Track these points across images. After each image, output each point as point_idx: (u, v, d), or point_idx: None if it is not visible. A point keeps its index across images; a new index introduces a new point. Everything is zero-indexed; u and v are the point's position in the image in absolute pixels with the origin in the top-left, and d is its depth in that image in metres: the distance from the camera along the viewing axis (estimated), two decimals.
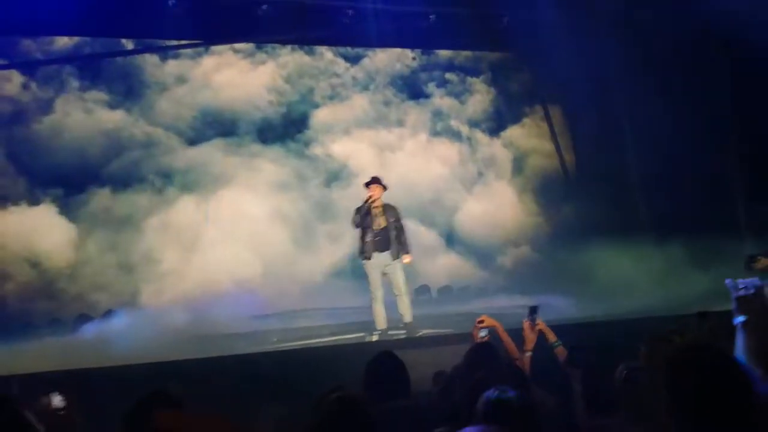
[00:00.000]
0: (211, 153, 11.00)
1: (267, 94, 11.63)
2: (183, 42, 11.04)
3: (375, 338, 7.21)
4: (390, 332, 7.37)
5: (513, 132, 12.86)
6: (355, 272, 10.38)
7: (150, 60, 11.06)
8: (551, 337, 4.33)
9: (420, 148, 12.10)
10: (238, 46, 11.47)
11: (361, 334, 7.52)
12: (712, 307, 3.60)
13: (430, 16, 11.46)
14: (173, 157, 10.82)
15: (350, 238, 10.66)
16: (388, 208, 7.55)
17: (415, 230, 10.54)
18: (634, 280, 9.43)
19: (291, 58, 11.92)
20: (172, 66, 11.16)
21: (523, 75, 13.00)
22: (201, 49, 11.26)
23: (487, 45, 12.41)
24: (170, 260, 10.11)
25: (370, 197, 7.44)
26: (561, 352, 4.19)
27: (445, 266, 11.47)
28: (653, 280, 9.39)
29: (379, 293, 7.40)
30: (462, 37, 11.88)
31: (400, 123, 12.26)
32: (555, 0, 11.39)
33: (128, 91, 10.84)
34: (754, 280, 2.35)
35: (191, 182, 10.71)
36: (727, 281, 2.42)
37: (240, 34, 11.22)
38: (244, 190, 10.83)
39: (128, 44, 11.08)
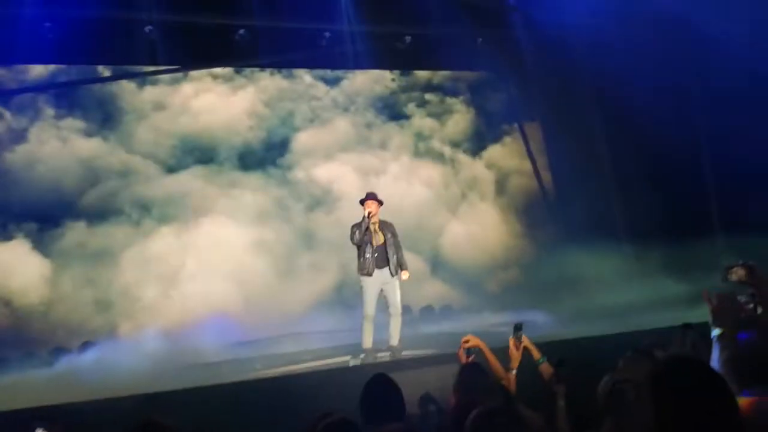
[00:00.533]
0: (190, 181, 10.90)
1: (247, 119, 11.59)
2: (160, 68, 11.00)
3: (358, 362, 7.11)
4: (375, 354, 7.26)
5: (494, 152, 12.97)
6: (339, 297, 10.39)
7: (127, 87, 10.99)
8: (536, 354, 4.30)
9: (403, 171, 12.14)
10: (216, 71, 11.47)
11: (345, 358, 7.41)
12: (694, 319, 3.60)
13: (406, 38, 11.54)
14: (151, 186, 10.69)
15: (335, 265, 10.79)
16: (385, 225, 7.53)
17: None
18: (615, 293, 9.41)
19: (270, 82, 11.93)
20: (150, 93, 11.09)
21: (500, 94, 13.17)
22: (179, 75, 11.24)
23: (464, 65, 12.55)
24: (149, 295, 9.95)
25: (370, 213, 7.37)
26: (546, 369, 4.16)
27: (430, 291, 11.41)
28: (633, 293, 9.37)
29: (372, 312, 7.29)
30: (438, 58, 12.09)
31: (383, 145, 12.32)
32: (525, 20, 11.59)
33: (105, 118, 10.73)
34: (729, 293, 2.39)
35: (169, 213, 10.58)
36: (703, 292, 2.46)
37: (217, 59, 11.28)
38: (224, 219, 10.73)
39: (105, 71, 11.02)
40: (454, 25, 11.42)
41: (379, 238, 7.41)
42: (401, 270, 7.42)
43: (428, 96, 12.91)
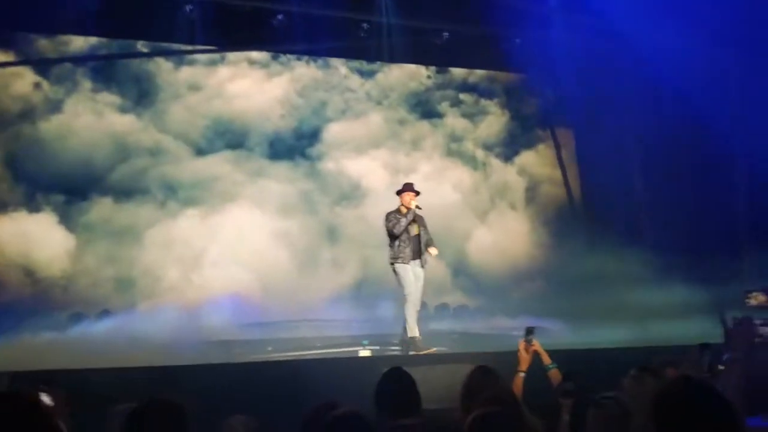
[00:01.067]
0: (219, 165, 10.96)
1: (279, 106, 11.59)
2: (198, 48, 11.07)
3: (368, 353, 7.09)
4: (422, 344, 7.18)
5: (527, 158, 12.82)
6: (358, 293, 10.44)
7: (164, 66, 11.06)
8: (546, 359, 4.29)
9: (434, 171, 12.03)
10: (253, 56, 11.52)
11: (354, 348, 7.41)
12: (713, 339, 3.51)
13: (444, 34, 11.48)
14: (180, 167, 10.76)
15: (356, 261, 10.80)
16: (418, 217, 7.57)
17: None
18: (638, 305, 9.25)
19: (305, 71, 11.91)
20: (186, 73, 11.16)
21: (536, 98, 12.97)
22: (216, 57, 11.31)
23: (501, 65, 12.43)
24: (170, 276, 9.98)
25: (416, 205, 7.44)
26: (555, 375, 4.12)
27: (449, 293, 11.32)
28: (657, 305, 9.21)
29: (415, 298, 7.33)
30: (475, 56, 12.06)
31: (415, 143, 12.24)
32: (566, 23, 11.42)
33: (140, 95, 10.82)
34: (742, 317, 2.28)
35: (196, 196, 10.65)
36: (720, 314, 2.36)
37: (254, 43, 11.28)
38: (249, 206, 10.73)
39: (143, 48, 11.13)
40: (493, 24, 11.29)
41: (415, 230, 7.49)
42: (429, 247, 7.47)
43: (463, 96, 12.79)
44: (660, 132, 10.96)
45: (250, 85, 11.46)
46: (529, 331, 4.31)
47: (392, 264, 7.41)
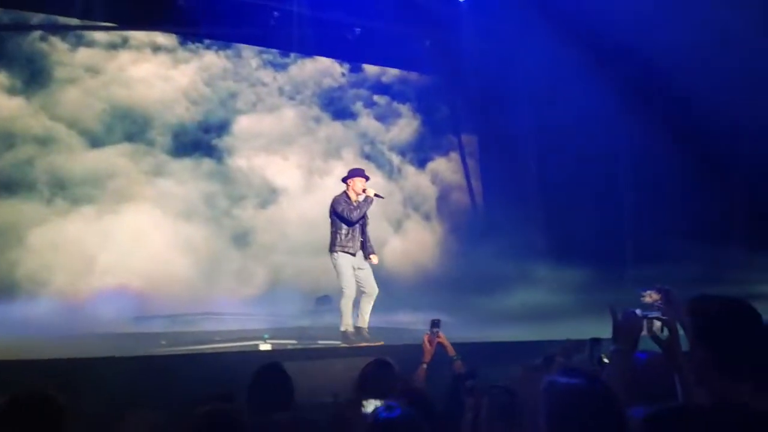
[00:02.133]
0: (115, 159, 10.16)
1: (185, 96, 11.05)
2: (95, 23, 10.40)
3: (268, 347, 6.90)
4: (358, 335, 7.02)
5: (438, 165, 12.95)
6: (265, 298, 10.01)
7: (60, 46, 10.27)
8: (450, 351, 4.29)
9: (345, 171, 11.65)
10: (159, 41, 10.98)
11: (254, 342, 7.19)
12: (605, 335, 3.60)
13: (356, 29, 11.38)
14: (71, 159, 9.89)
15: (264, 273, 10.35)
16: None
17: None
18: (536, 306, 9.49)
19: (214, 59, 11.43)
20: (84, 55, 10.40)
21: (445, 104, 13.12)
22: (117, 39, 10.68)
23: (412, 66, 12.58)
24: (57, 283, 9.05)
25: (375, 193, 7.24)
26: (459, 366, 4.22)
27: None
28: (552, 305, 9.49)
29: (353, 291, 7.10)
30: (387, 55, 12.18)
31: (328, 141, 12.08)
32: (475, 25, 11.60)
33: (32, 77, 9.96)
34: (633, 310, 2.44)
35: (88, 194, 9.82)
36: (610, 307, 2.51)
37: (158, 23, 10.76)
38: (149, 208, 10.01)
39: (35, 20, 10.27)
40: (404, 23, 11.34)
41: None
42: (371, 254, 7.32)
43: (377, 97, 12.76)
44: (557, 141, 11.27)
45: (154, 72, 10.87)
46: (435, 324, 4.32)
47: (334, 253, 7.12)
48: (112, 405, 3.66)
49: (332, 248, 7.14)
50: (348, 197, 7.23)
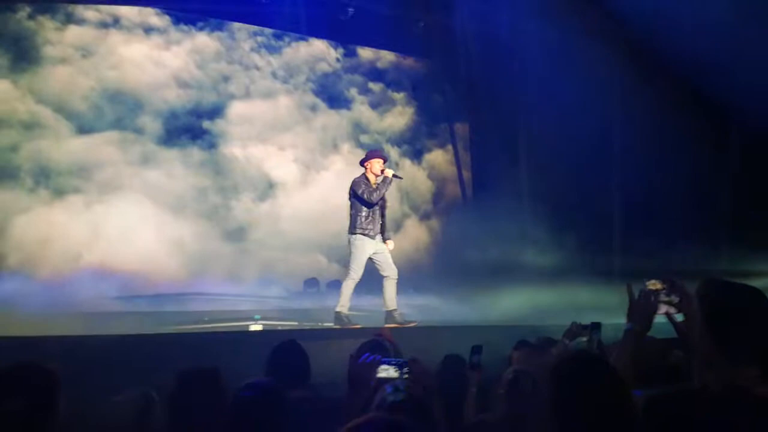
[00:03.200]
0: (103, 147, 9.63)
1: (176, 80, 10.56)
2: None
3: (259, 327, 6.82)
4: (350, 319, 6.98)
5: (435, 156, 12.77)
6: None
7: (48, 24, 9.63)
8: None
9: (344, 164, 11.46)
10: (151, 21, 10.44)
11: (245, 323, 7.10)
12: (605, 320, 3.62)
13: (349, 9, 11.25)
14: (57, 146, 9.35)
15: (259, 263, 10.06)
16: None
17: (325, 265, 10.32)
18: (533, 290, 9.46)
19: (207, 41, 10.95)
20: (74, 34, 9.79)
21: (439, 91, 12.87)
22: (108, 19, 10.08)
23: (405, 48, 12.42)
24: (41, 277, 8.48)
25: (394, 174, 7.09)
26: None
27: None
28: (549, 289, 9.46)
29: (360, 276, 7.01)
30: (380, 37, 11.86)
31: (324, 130, 11.74)
32: (469, 9, 11.40)
33: (18, 57, 9.32)
34: (651, 290, 2.45)
35: (74, 183, 9.30)
36: (629, 287, 2.52)
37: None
38: (138, 199, 9.54)
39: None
40: (398, 5, 11.16)
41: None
42: (388, 239, 7.24)
43: (372, 84, 12.49)
44: (548, 129, 11.15)
45: (146, 53, 10.36)
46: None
47: (353, 234, 7.00)
48: (98, 385, 3.55)
49: (352, 230, 7.04)
50: (367, 179, 7.13)
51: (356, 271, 6.96)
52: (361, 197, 6.96)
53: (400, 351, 3.77)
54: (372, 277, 7.20)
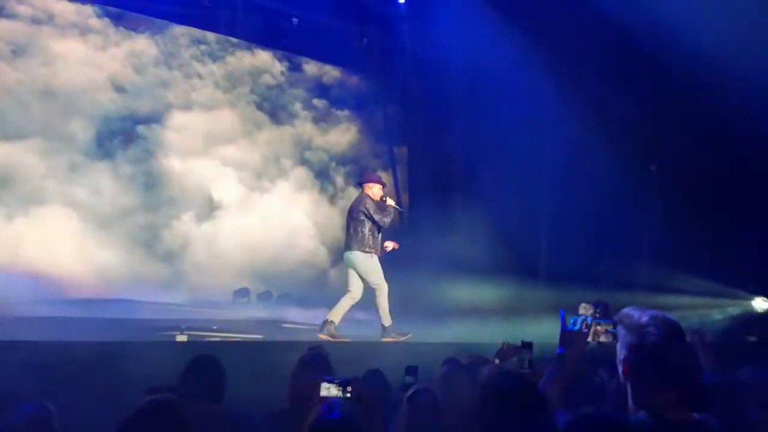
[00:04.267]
0: (26, 155, 9.03)
1: (113, 83, 10.05)
2: None
3: (185, 338, 6.55)
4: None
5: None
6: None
7: None
8: None
9: (284, 185, 11.31)
10: (89, 20, 9.96)
11: (171, 333, 6.80)
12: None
13: (294, 19, 11.15)
14: None
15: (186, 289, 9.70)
16: None
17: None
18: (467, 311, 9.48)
19: (147, 44, 10.46)
20: (4, 28, 9.22)
21: (380, 111, 12.65)
22: (43, 16, 9.60)
23: (349, 64, 12.32)
24: None
25: (393, 203, 7.39)
26: None
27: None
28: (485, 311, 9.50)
29: (359, 295, 7.16)
30: (324, 49, 11.73)
31: (268, 145, 11.43)
32: (412, 28, 11.40)
33: None
34: (584, 317, 2.53)
35: None
36: (561, 312, 2.60)
37: None
38: (64, 213, 9.01)
39: None
40: (343, 18, 11.09)
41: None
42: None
43: (316, 101, 12.24)
44: (484, 149, 11.22)
45: (82, 53, 9.80)
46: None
47: (358, 252, 7.11)
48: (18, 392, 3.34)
49: (361, 248, 7.13)
50: (372, 200, 7.31)
51: (385, 285, 7.11)
52: (372, 217, 7.13)
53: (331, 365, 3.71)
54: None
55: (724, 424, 2.17)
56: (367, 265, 7.11)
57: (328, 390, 2.44)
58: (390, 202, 7.30)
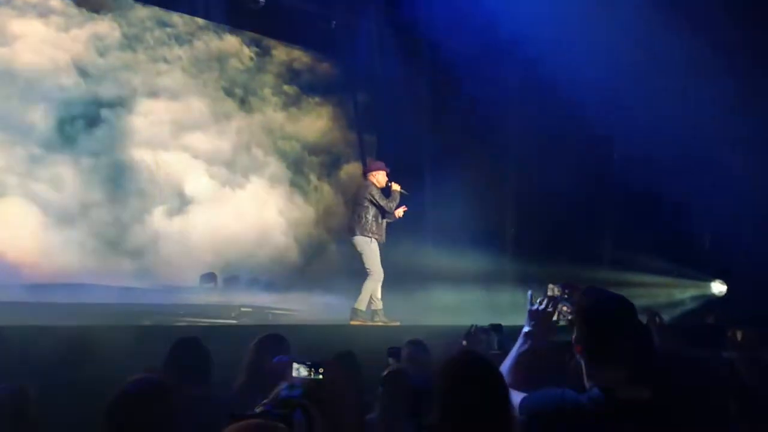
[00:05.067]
0: None
1: (76, 66, 9.64)
2: None
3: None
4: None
5: (351, 169, 12.32)
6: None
7: None
8: None
9: (256, 178, 11.11)
10: (52, 3, 9.52)
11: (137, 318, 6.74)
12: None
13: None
14: None
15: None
16: None
17: None
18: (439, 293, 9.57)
19: (111, 27, 10.04)
20: None
21: (350, 99, 12.39)
22: None
23: (317, 46, 12.06)
24: None
25: (398, 188, 7.69)
26: None
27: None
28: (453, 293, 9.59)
29: (381, 276, 7.50)
30: (292, 31, 11.41)
31: (239, 132, 11.19)
32: (382, 16, 11.23)
33: None
34: (551, 297, 2.62)
35: None
36: (529, 293, 2.70)
37: None
38: (23, 207, 8.69)
39: None
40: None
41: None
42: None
43: (287, 87, 11.99)
44: (451, 134, 11.23)
45: (43, 33, 9.36)
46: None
47: (366, 237, 7.45)
48: None
49: (363, 233, 7.39)
50: (377, 187, 7.63)
51: (378, 272, 7.40)
52: (378, 204, 7.42)
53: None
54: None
55: (675, 402, 2.27)
56: (366, 249, 7.34)
57: (298, 371, 2.46)
58: (396, 187, 7.59)
